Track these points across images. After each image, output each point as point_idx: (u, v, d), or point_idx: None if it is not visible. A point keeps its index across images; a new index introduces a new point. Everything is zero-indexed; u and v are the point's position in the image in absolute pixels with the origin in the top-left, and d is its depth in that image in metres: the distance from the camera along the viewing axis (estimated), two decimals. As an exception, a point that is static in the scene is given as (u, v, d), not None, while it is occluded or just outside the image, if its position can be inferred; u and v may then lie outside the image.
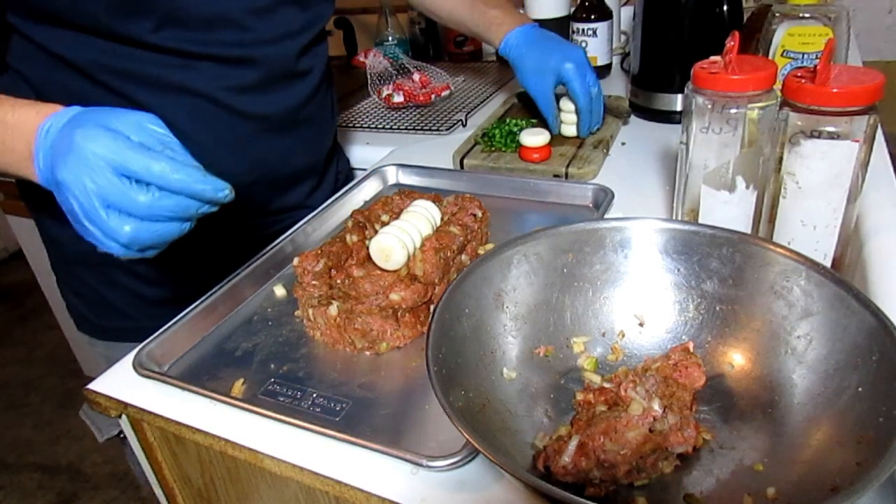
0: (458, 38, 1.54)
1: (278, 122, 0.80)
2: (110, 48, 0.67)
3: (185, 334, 0.68)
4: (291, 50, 0.78)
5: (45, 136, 0.52)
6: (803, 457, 0.44)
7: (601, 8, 1.26)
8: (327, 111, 0.91)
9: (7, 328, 2.65)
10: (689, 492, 0.45)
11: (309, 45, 0.81)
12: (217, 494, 0.65)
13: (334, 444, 0.53)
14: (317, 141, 0.90)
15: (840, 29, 0.76)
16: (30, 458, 2.04)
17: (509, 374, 0.53)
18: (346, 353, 0.64)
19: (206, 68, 0.72)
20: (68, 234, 0.79)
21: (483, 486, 0.49)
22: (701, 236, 0.55)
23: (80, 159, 0.48)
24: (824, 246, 0.60)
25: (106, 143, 0.48)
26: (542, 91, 0.96)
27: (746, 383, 0.51)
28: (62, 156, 0.50)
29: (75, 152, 0.49)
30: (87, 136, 0.49)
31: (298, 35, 0.78)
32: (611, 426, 0.46)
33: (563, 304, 0.57)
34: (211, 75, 0.73)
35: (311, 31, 0.80)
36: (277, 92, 0.79)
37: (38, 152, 0.53)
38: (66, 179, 0.49)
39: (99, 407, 0.63)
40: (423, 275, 0.65)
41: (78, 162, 0.48)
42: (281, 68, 0.78)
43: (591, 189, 0.84)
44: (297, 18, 0.78)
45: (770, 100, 0.58)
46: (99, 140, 0.48)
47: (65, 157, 0.49)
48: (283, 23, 0.76)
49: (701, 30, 1.00)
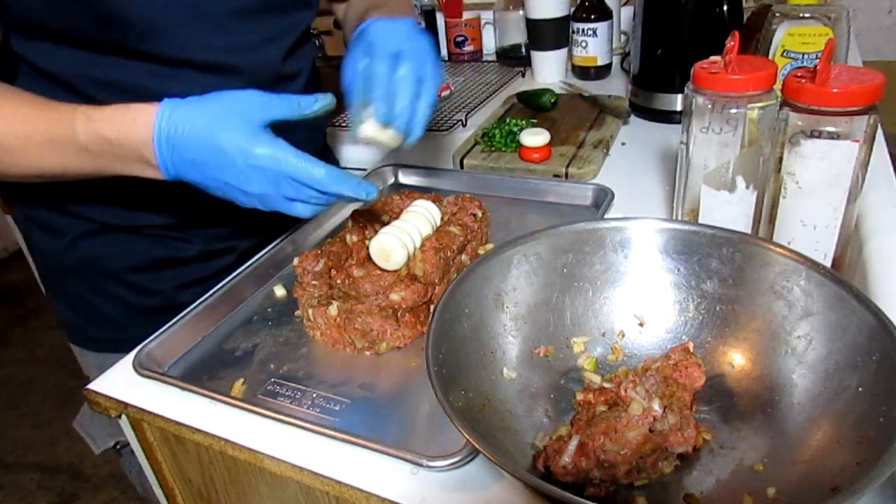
0: (457, 37, 1.54)
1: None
2: (93, 59, 0.66)
3: (185, 334, 0.68)
4: (276, 54, 0.76)
5: (164, 151, 0.57)
6: (803, 457, 0.44)
7: (601, 8, 1.26)
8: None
9: (7, 328, 2.65)
10: (689, 492, 0.45)
11: (293, 48, 0.79)
12: (217, 494, 0.65)
13: (334, 444, 0.53)
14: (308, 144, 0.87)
15: (840, 29, 0.76)
16: (30, 458, 2.04)
17: (509, 374, 0.53)
18: (346, 353, 0.64)
19: (191, 76, 0.70)
20: (55, 245, 0.79)
21: (483, 486, 0.49)
22: (701, 236, 0.55)
23: (241, 172, 0.56)
24: (824, 246, 0.60)
25: (268, 157, 0.56)
26: (347, 61, 0.68)
27: (746, 383, 0.51)
28: (215, 167, 0.57)
29: (236, 166, 0.56)
30: (247, 154, 0.56)
31: (282, 38, 0.76)
32: (611, 426, 0.46)
33: (563, 304, 0.57)
34: (196, 83, 0.70)
35: (295, 33, 0.78)
36: None
37: (162, 164, 0.58)
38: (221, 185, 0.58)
39: (99, 407, 0.63)
40: (423, 275, 0.65)
41: (238, 174, 0.57)
42: (266, 73, 0.75)
43: (591, 189, 0.84)
44: (280, 21, 0.76)
45: (770, 100, 0.58)
46: (263, 157, 0.56)
47: (221, 170, 0.57)
48: (266, 27, 0.74)
49: (701, 30, 1.00)
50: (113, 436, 0.92)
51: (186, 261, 0.83)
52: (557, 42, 1.32)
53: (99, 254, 0.80)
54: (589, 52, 1.30)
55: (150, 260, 0.81)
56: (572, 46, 1.32)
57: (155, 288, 0.83)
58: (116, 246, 0.79)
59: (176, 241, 0.81)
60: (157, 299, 0.83)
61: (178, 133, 0.57)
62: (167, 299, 0.83)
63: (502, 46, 1.48)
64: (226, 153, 0.56)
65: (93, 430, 0.93)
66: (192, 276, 0.84)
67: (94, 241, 0.79)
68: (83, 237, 0.78)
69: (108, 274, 0.81)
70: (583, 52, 1.30)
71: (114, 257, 0.80)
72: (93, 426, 0.93)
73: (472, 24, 1.53)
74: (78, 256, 0.80)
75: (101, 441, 0.92)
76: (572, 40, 1.31)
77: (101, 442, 0.92)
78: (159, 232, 0.80)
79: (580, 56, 1.31)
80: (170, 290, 0.83)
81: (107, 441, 0.92)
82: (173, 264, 0.82)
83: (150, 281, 0.82)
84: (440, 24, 1.58)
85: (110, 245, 0.79)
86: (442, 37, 1.60)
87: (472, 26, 1.53)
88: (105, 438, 0.92)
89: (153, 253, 0.81)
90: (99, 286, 0.82)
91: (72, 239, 0.78)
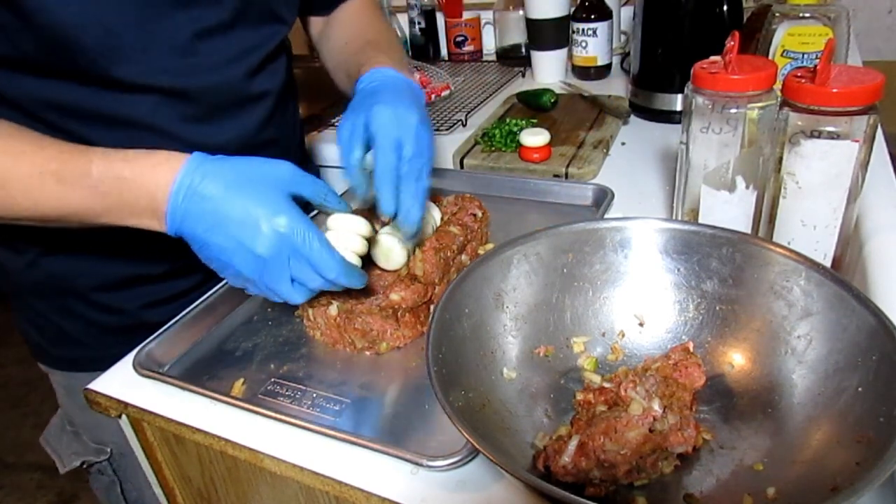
0: (457, 37, 1.54)
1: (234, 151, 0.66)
2: (49, 85, 0.63)
3: (185, 334, 0.68)
4: (238, 74, 0.72)
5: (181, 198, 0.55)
6: (803, 457, 0.44)
7: (601, 8, 1.26)
8: (289, 130, 0.85)
9: (7, 328, 2.65)
10: (689, 492, 0.45)
11: (262, 65, 0.74)
12: (217, 494, 0.65)
13: (334, 444, 0.53)
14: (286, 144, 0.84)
15: (840, 29, 0.76)
16: (30, 458, 2.04)
17: (509, 374, 0.53)
18: (346, 353, 0.64)
19: (148, 100, 0.67)
20: (17, 263, 0.77)
21: (483, 486, 0.49)
22: (701, 236, 0.55)
23: (259, 232, 0.54)
24: (824, 246, 0.60)
25: (293, 227, 0.54)
26: (343, 127, 0.65)
27: (746, 383, 0.52)
28: (234, 221, 0.54)
29: (258, 225, 0.53)
30: (275, 213, 0.54)
31: (248, 55, 0.72)
32: (611, 426, 0.46)
33: (563, 304, 0.57)
34: (154, 107, 0.67)
35: (264, 49, 0.74)
36: (230, 119, 0.73)
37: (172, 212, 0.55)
38: (224, 263, 0.56)
39: (99, 407, 0.63)
40: (423, 275, 0.65)
41: (256, 234, 0.54)
42: (231, 94, 0.72)
43: (591, 189, 0.84)
44: (247, 38, 0.71)
45: (770, 100, 0.58)
46: (289, 224, 0.54)
47: (240, 225, 0.54)
48: (232, 45, 0.70)
49: (701, 30, 1.00)
50: (79, 455, 0.88)
51: (152, 279, 0.80)
52: (557, 42, 1.32)
53: (61, 272, 0.77)
54: (589, 52, 1.30)
55: (114, 278, 0.78)
56: (572, 46, 1.32)
57: (120, 307, 0.80)
58: (80, 264, 0.76)
59: (141, 259, 0.78)
60: (122, 318, 0.80)
61: (204, 181, 0.54)
62: (133, 318, 0.80)
63: (502, 46, 1.48)
64: (251, 207, 0.54)
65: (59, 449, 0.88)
66: (158, 294, 0.81)
67: (57, 260, 0.76)
68: (44, 255, 0.76)
69: (71, 293, 0.78)
70: (583, 52, 1.30)
71: (78, 275, 0.77)
72: (60, 444, 0.89)
73: (472, 24, 1.53)
74: (41, 275, 0.77)
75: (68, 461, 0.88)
76: (572, 40, 1.31)
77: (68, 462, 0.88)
78: (125, 249, 0.77)
79: (580, 56, 1.31)
80: (135, 309, 0.80)
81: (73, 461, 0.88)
82: (139, 282, 0.79)
83: (115, 300, 0.79)
84: (440, 24, 1.59)
85: (74, 263, 0.76)
86: (442, 37, 1.61)
87: (472, 26, 1.53)
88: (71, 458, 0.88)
89: (117, 271, 0.78)
90: (63, 305, 0.79)
91: (33, 257, 0.76)
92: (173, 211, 0.55)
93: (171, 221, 0.55)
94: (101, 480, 0.91)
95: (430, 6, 1.57)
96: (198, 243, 0.56)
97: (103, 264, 0.77)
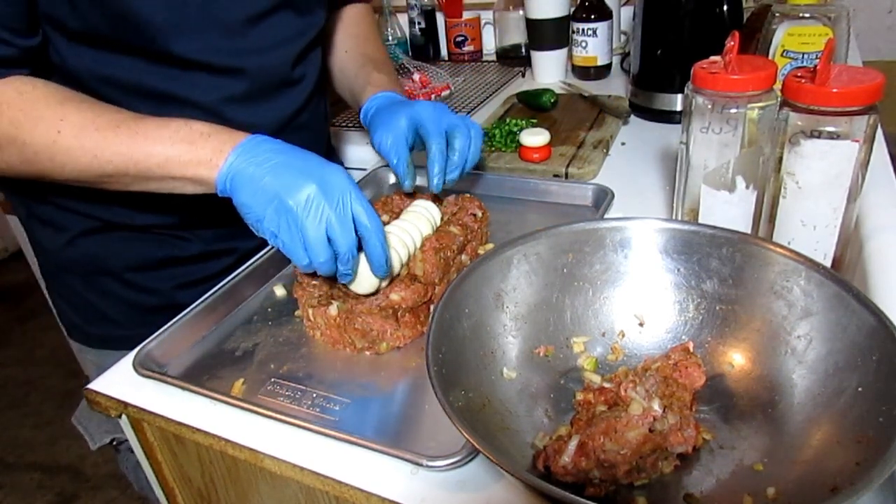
0: (457, 37, 1.54)
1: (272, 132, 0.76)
2: (104, 57, 0.67)
3: (185, 334, 0.68)
4: (285, 58, 0.77)
5: (258, 139, 0.63)
6: (803, 457, 0.44)
7: (601, 8, 1.26)
8: (320, 118, 0.90)
9: (7, 328, 2.65)
10: (689, 492, 0.45)
11: (303, 53, 0.80)
12: (217, 494, 0.65)
13: (334, 444, 0.53)
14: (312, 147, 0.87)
15: (840, 29, 0.76)
16: (30, 458, 2.04)
17: (509, 374, 0.53)
18: (346, 353, 0.64)
19: (199, 78, 0.71)
20: (57, 241, 0.80)
21: (483, 486, 0.49)
22: (701, 236, 0.55)
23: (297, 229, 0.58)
24: (824, 246, 0.60)
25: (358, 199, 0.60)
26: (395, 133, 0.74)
27: (746, 383, 0.52)
28: (296, 168, 0.60)
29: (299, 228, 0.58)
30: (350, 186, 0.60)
31: (292, 42, 0.77)
32: (611, 426, 0.46)
33: (563, 304, 0.57)
34: (204, 85, 0.72)
35: (306, 37, 0.79)
36: (269, 101, 0.78)
37: (241, 149, 0.61)
38: (278, 231, 0.60)
39: (99, 407, 0.63)
40: (423, 275, 0.65)
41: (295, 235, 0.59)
42: (274, 77, 0.77)
43: (591, 189, 0.84)
44: (291, 25, 0.76)
45: (770, 100, 0.58)
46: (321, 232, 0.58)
47: (305, 173, 0.59)
48: (278, 30, 0.75)
49: (701, 30, 1.00)
50: (110, 433, 0.92)
51: (186, 260, 0.83)
52: (557, 42, 1.32)
53: (99, 252, 0.80)
54: (589, 52, 1.30)
55: (149, 259, 0.81)
56: (572, 46, 1.32)
57: (154, 287, 0.83)
58: (116, 244, 0.80)
59: (176, 240, 0.81)
60: (156, 298, 0.83)
61: (274, 141, 0.62)
62: (166, 299, 0.83)
63: (502, 46, 1.48)
64: (320, 168, 0.60)
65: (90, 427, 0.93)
66: (191, 276, 0.84)
67: (95, 239, 0.79)
68: (83, 235, 0.79)
69: (107, 272, 0.81)
70: (583, 52, 1.31)
71: (113, 256, 0.80)
72: (91, 423, 0.93)
73: (472, 24, 1.53)
74: (78, 254, 0.80)
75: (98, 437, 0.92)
76: (572, 40, 1.31)
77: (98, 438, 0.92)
78: (159, 231, 0.80)
79: (580, 56, 1.31)
80: (169, 290, 0.83)
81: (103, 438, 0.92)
82: (173, 264, 0.82)
83: (150, 280, 0.82)
84: (440, 24, 1.59)
85: (110, 243, 0.79)
86: (442, 37, 1.61)
87: (472, 26, 1.53)
88: (102, 435, 0.92)
89: (153, 252, 0.81)
90: (98, 284, 0.82)
91: (72, 236, 0.79)
92: (240, 152, 0.61)
93: (229, 168, 0.61)
94: (131, 459, 0.93)
95: (430, 6, 1.57)
96: (241, 194, 0.61)
97: (139, 245, 0.80)
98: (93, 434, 0.93)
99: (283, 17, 0.75)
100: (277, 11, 0.74)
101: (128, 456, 0.94)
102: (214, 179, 0.61)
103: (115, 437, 0.92)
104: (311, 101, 0.84)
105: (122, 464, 0.97)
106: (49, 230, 0.80)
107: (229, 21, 0.70)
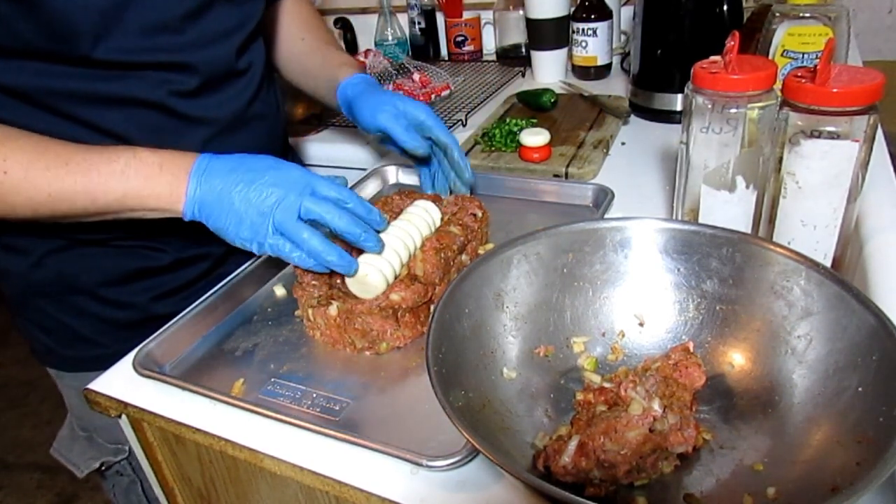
0: (457, 37, 1.54)
1: (227, 124, 0.78)
2: (47, 69, 0.65)
3: (185, 334, 0.68)
4: (229, 49, 0.76)
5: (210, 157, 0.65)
6: (803, 457, 0.44)
7: (601, 8, 1.26)
8: (273, 107, 0.89)
9: (7, 328, 2.65)
10: (689, 492, 0.45)
11: (246, 43, 0.79)
12: (217, 494, 0.65)
13: (334, 444, 0.53)
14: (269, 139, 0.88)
15: (840, 29, 0.75)
16: (30, 458, 2.04)
17: (509, 374, 0.53)
18: (346, 353, 0.64)
19: (147, 77, 0.70)
20: (23, 265, 0.77)
21: (483, 486, 0.49)
22: (701, 236, 0.55)
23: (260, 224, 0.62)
24: (824, 246, 0.60)
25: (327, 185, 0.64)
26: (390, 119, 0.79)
27: (746, 383, 0.52)
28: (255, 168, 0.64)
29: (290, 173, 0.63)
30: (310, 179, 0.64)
31: (234, 33, 0.77)
32: (611, 426, 0.46)
33: (563, 304, 0.57)
34: (152, 83, 0.71)
35: (246, 28, 0.79)
36: (219, 93, 0.77)
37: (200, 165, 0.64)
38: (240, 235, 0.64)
39: (99, 407, 0.63)
40: (423, 275, 0.65)
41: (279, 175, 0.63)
42: (219, 69, 0.76)
43: (591, 189, 0.84)
44: (231, 16, 0.76)
45: (770, 100, 0.58)
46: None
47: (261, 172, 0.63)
48: (218, 23, 0.74)
49: (701, 30, 1.00)
50: (95, 458, 0.88)
51: (160, 271, 0.81)
52: (557, 42, 1.32)
53: (68, 269, 0.77)
54: (589, 52, 1.30)
55: (121, 272, 0.79)
56: (572, 46, 1.32)
57: (129, 301, 0.80)
58: (85, 260, 0.77)
59: (147, 251, 0.79)
60: (132, 313, 0.81)
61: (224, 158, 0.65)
62: (143, 312, 0.81)
63: (502, 46, 1.48)
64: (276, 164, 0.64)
65: (72, 457, 0.88)
66: (167, 285, 0.82)
67: (62, 257, 0.77)
68: (50, 254, 0.76)
69: (78, 290, 0.79)
70: (583, 52, 1.30)
71: (84, 272, 0.78)
72: (72, 452, 0.89)
73: (472, 24, 1.53)
74: (46, 274, 0.78)
75: (84, 465, 0.87)
76: (572, 40, 1.31)
77: (85, 466, 0.87)
78: (129, 243, 0.78)
79: (580, 56, 1.31)
80: (145, 303, 0.81)
81: (90, 464, 0.88)
82: (147, 275, 0.80)
83: (124, 294, 0.80)
84: (440, 23, 1.59)
85: (79, 260, 0.77)
86: (442, 37, 1.61)
87: (472, 26, 1.53)
88: (88, 462, 0.88)
89: (125, 265, 0.79)
90: (71, 303, 0.80)
91: (38, 257, 0.76)
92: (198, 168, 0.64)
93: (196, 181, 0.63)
94: (121, 482, 0.91)
95: (430, 6, 1.57)
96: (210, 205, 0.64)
97: (109, 259, 0.78)
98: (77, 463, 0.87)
99: (220, 10, 0.74)
100: (213, 6, 0.73)
101: (115, 480, 0.91)
102: (180, 212, 0.64)
103: (103, 460, 0.88)
104: (260, 91, 0.84)
105: (109, 491, 0.93)
106: (13, 255, 0.77)
107: (167, 19, 0.69)
